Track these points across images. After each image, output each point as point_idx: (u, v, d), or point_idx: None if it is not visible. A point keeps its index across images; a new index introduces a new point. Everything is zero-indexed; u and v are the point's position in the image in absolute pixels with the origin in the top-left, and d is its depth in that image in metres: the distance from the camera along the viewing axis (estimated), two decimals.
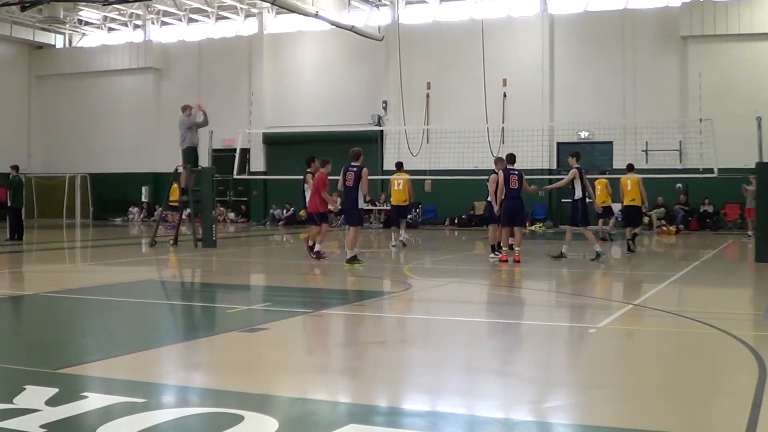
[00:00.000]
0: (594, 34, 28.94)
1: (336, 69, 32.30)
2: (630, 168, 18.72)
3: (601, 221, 21.36)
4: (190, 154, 18.87)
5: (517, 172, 15.10)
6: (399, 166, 20.39)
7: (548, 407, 5.21)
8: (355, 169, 14.24)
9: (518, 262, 14.83)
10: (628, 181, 18.10)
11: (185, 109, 19.13)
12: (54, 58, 37.38)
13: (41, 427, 4.42)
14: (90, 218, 35.16)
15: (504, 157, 15.80)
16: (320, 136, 30.56)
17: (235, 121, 30.98)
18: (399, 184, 19.25)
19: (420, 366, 6.49)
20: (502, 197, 15.09)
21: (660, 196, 26.51)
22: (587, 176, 16.61)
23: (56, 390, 5.16)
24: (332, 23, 28.83)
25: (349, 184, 14.26)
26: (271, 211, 32.32)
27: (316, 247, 15.35)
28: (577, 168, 15.74)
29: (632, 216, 18.11)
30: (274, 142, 32.95)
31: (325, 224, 15.50)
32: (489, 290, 12.12)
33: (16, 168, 22.18)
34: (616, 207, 21.30)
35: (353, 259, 14.11)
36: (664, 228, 26.24)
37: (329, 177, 15.25)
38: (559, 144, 29.30)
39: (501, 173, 15.25)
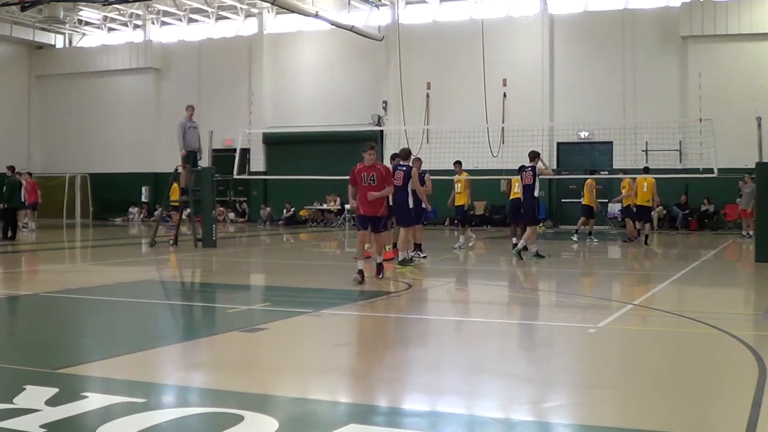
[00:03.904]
0: (594, 34, 28.94)
1: (336, 69, 32.31)
2: (646, 170, 20.79)
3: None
4: (189, 155, 18.86)
5: (405, 168, 14.38)
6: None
7: (548, 407, 5.21)
8: (404, 168, 14.24)
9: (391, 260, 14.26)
10: (645, 183, 19.81)
11: (186, 109, 19.11)
12: (54, 58, 37.38)
13: (41, 427, 4.42)
14: (90, 218, 35.16)
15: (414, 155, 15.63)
16: (320, 136, 30.59)
17: (235, 121, 31.03)
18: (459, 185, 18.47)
19: (420, 366, 6.49)
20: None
21: (659, 197, 26.52)
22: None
23: (56, 390, 5.15)
24: (332, 23, 28.83)
25: (398, 183, 13.96)
26: (261, 211, 32.32)
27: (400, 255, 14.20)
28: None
29: (645, 215, 20.16)
30: (274, 142, 32.95)
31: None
32: (488, 290, 12.11)
33: (12, 168, 22.20)
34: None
35: (404, 262, 13.94)
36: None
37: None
38: (559, 144, 29.33)
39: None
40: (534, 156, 15.95)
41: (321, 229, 29.59)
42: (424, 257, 15.70)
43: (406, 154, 14.76)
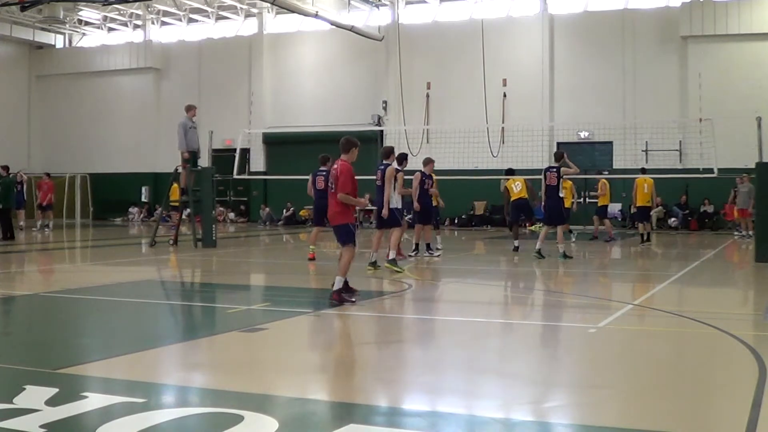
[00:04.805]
0: (594, 34, 28.93)
1: (336, 69, 32.30)
2: (643, 171, 21.23)
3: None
4: (190, 156, 18.83)
5: (383, 167, 13.86)
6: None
7: (548, 407, 5.21)
8: (382, 167, 13.88)
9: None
10: (645, 183, 20.15)
11: (189, 109, 19.05)
12: (54, 58, 37.37)
13: (41, 427, 4.43)
14: (90, 218, 35.15)
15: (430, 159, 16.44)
16: (320, 136, 30.50)
17: (235, 121, 31.04)
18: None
19: (420, 366, 6.49)
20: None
21: (659, 197, 26.54)
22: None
23: (56, 390, 5.16)
24: (332, 23, 28.82)
25: (378, 183, 13.81)
26: (260, 211, 32.34)
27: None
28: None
29: (645, 215, 20.59)
30: (274, 142, 32.95)
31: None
32: (489, 290, 12.11)
33: (6, 168, 22.17)
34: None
35: (393, 261, 13.55)
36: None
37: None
38: (559, 144, 29.28)
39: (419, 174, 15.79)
40: (559, 156, 16.01)
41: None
42: (438, 256, 15.83)
43: (387, 152, 14.17)
